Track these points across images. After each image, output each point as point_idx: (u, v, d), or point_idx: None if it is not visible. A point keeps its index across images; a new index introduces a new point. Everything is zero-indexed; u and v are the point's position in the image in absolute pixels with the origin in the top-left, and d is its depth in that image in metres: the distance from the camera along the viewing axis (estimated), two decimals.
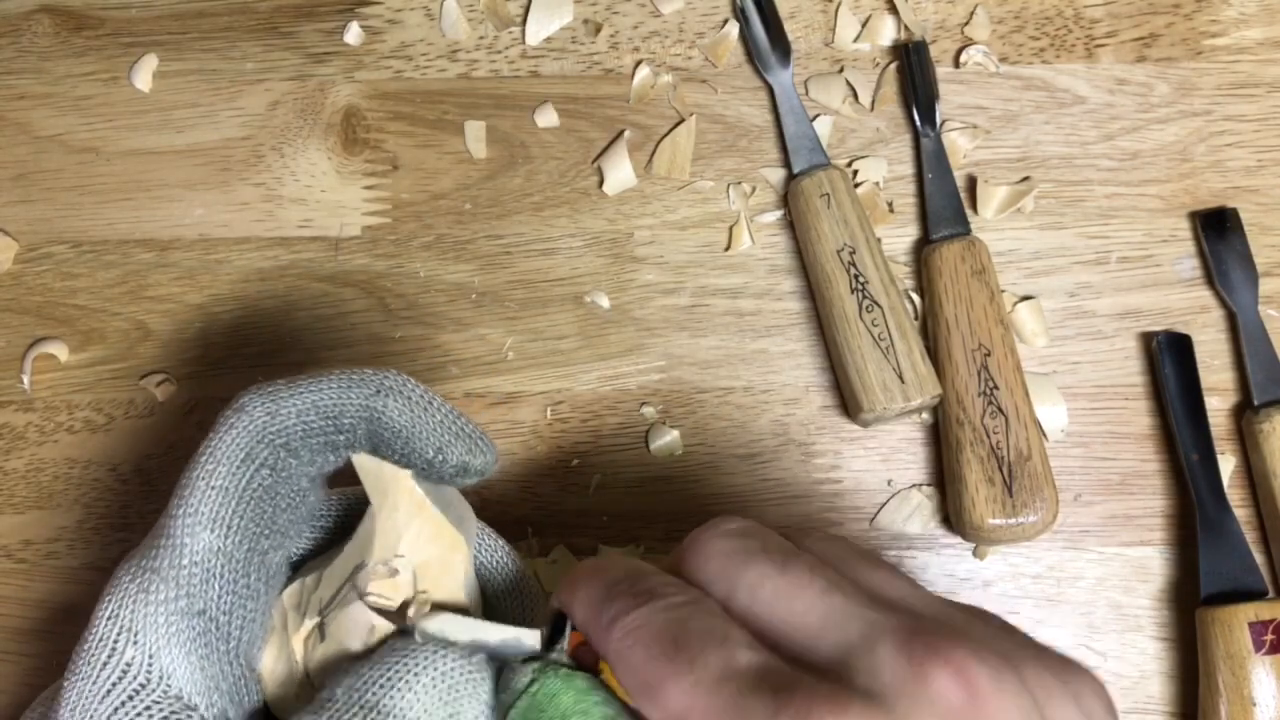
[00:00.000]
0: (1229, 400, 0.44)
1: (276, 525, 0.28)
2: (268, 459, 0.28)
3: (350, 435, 0.29)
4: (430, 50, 0.48)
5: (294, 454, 0.29)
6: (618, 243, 0.46)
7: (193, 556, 0.26)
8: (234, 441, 0.28)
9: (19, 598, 0.44)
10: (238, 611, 0.27)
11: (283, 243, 0.46)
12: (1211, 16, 0.47)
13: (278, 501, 0.28)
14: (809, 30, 0.48)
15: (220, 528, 0.27)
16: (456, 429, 0.30)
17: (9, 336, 0.46)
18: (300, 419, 0.28)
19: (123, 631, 0.26)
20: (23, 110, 0.47)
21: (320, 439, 0.29)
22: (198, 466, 0.27)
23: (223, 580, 0.27)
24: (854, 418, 0.43)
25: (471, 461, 0.30)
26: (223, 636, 0.27)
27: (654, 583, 0.25)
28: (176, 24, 0.48)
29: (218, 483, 0.27)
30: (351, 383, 0.29)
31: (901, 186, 0.46)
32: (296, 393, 0.28)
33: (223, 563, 0.27)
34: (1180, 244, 0.45)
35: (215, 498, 0.27)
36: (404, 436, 0.29)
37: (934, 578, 0.43)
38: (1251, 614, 0.39)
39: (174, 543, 0.27)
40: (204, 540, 0.27)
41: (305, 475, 0.29)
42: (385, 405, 0.29)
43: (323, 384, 0.29)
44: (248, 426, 0.28)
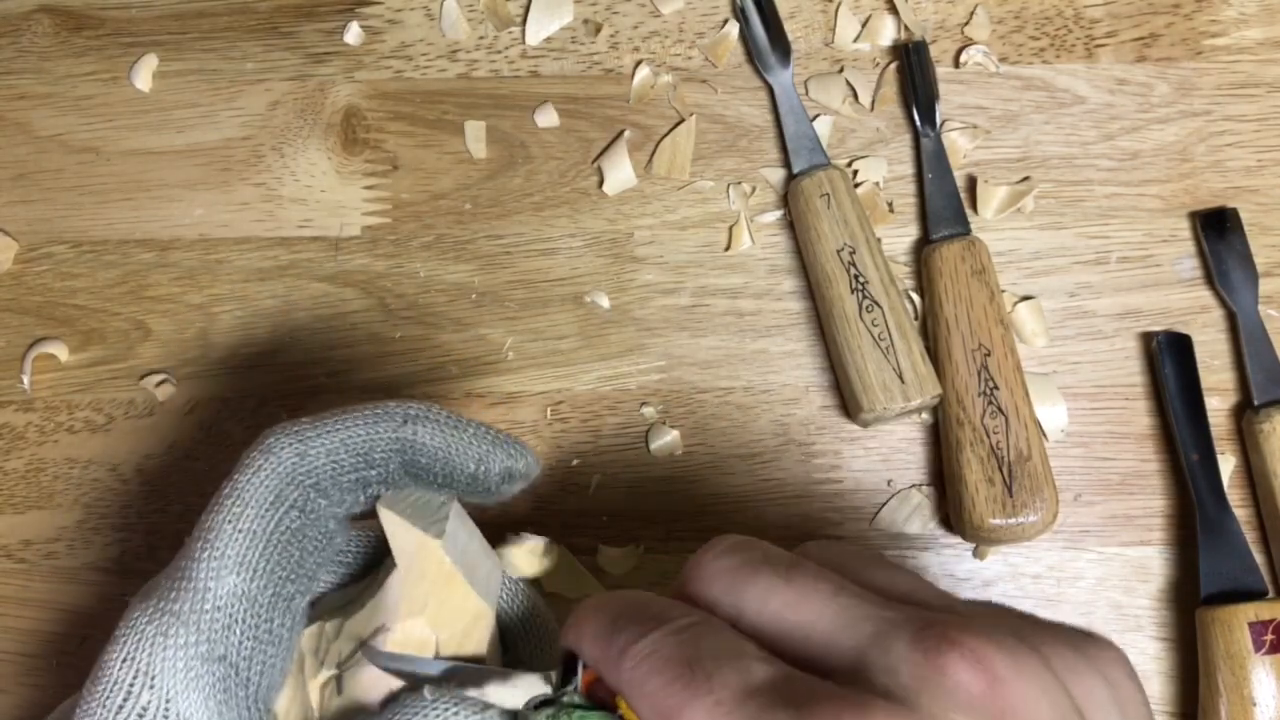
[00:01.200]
0: (1229, 400, 0.44)
1: (303, 569, 0.28)
2: (297, 500, 0.28)
3: (382, 470, 0.29)
4: (430, 50, 0.48)
5: (324, 494, 0.28)
6: (618, 243, 0.46)
7: (216, 600, 0.26)
8: (262, 483, 0.27)
9: (19, 598, 0.44)
10: (258, 657, 0.27)
11: (283, 243, 0.46)
12: (1211, 16, 0.47)
13: (304, 544, 0.28)
14: (809, 30, 0.48)
15: (246, 571, 0.26)
16: (492, 439, 0.29)
17: (9, 336, 0.46)
18: (330, 458, 0.28)
19: (139, 675, 0.25)
20: (23, 110, 0.47)
21: (351, 476, 0.28)
22: (223, 509, 0.27)
23: (245, 625, 0.26)
24: (854, 418, 0.43)
25: (515, 466, 0.30)
26: (242, 682, 0.26)
27: (659, 609, 0.24)
28: (176, 24, 0.48)
29: (245, 526, 0.27)
30: (379, 416, 0.29)
31: (901, 186, 0.46)
32: (324, 431, 0.28)
33: (246, 607, 0.26)
34: (1180, 244, 0.45)
35: (242, 541, 0.26)
36: (441, 458, 0.29)
37: (934, 578, 0.43)
38: (1251, 614, 0.39)
39: (196, 586, 0.26)
40: (229, 584, 0.26)
41: (334, 516, 0.29)
42: (416, 433, 0.29)
43: (350, 420, 0.28)
44: (276, 468, 0.27)
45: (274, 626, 0.27)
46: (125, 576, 0.44)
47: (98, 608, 0.43)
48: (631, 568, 0.43)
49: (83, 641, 0.43)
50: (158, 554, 0.44)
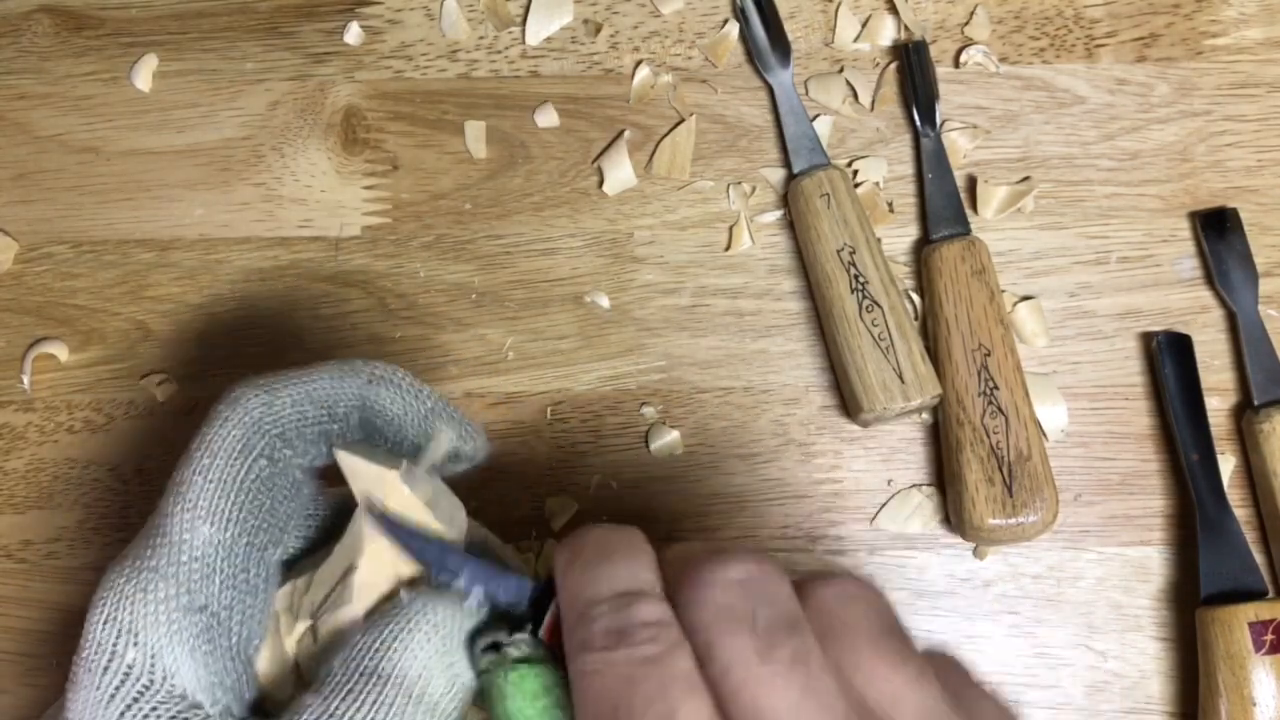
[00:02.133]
0: (1229, 400, 0.44)
1: (275, 518, 0.28)
2: (264, 449, 0.28)
3: (344, 424, 0.29)
4: (430, 50, 0.48)
5: (289, 444, 0.29)
6: (618, 243, 0.46)
7: (192, 552, 0.26)
8: (229, 434, 0.27)
9: (19, 598, 0.44)
10: (238, 606, 0.27)
11: (283, 243, 0.46)
12: (1211, 16, 0.47)
13: (275, 493, 0.28)
14: (809, 30, 0.48)
15: (219, 520, 0.27)
16: (446, 415, 0.30)
17: (9, 336, 0.46)
18: (295, 408, 0.28)
19: (122, 634, 0.25)
20: (23, 110, 0.47)
21: (315, 428, 0.29)
22: (193, 461, 0.27)
23: (223, 575, 0.27)
24: (854, 418, 0.43)
25: (462, 447, 0.30)
26: (224, 632, 0.26)
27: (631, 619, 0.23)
28: (176, 24, 0.48)
29: (215, 475, 0.27)
30: (344, 372, 0.29)
31: (901, 186, 0.46)
32: (291, 383, 0.29)
33: (223, 556, 0.27)
34: (1180, 244, 0.45)
35: (213, 490, 0.27)
36: (396, 423, 0.29)
37: (934, 578, 0.43)
38: (1251, 614, 0.39)
39: (171, 539, 0.26)
40: (203, 534, 0.26)
41: (299, 466, 0.29)
42: (378, 394, 0.29)
43: (316, 375, 0.29)
44: (243, 418, 0.28)
45: (251, 576, 0.27)
46: None
47: None
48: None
49: None
50: None
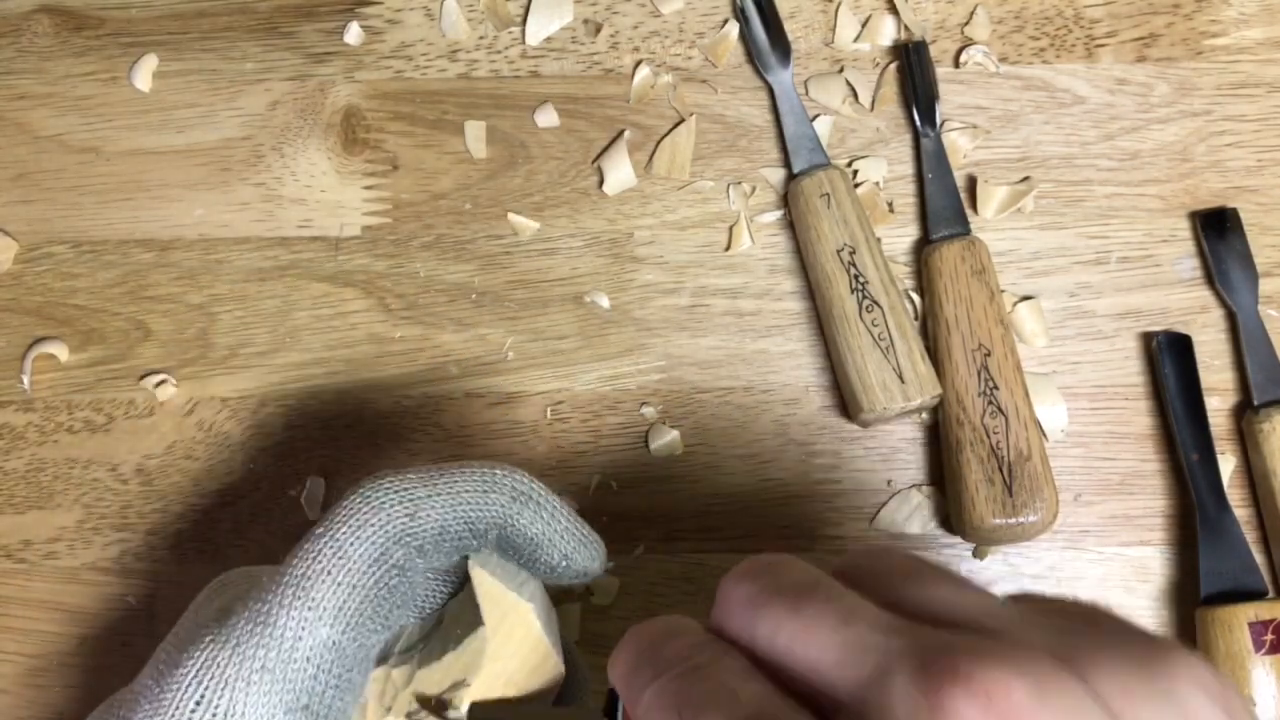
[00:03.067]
0: (1229, 400, 0.44)
1: (390, 621, 0.28)
2: (400, 559, 0.27)
3: (483, 540, 0.29)
4: (430, 50, 0.48)
5: (425, 555, 0.28)
6: (618, 243, 0.46)
7: (305, 652, 0.26)
8: (368, 539, 0.27)
9: (19, 598, 0.44)
10: (338, 706, 0.26)
11: (283, 243, 0.46)
12: (1211, 16, 0.47)
13: (396, 598, 0.28)
14: (809, 30, 0.48)
15: (339, 624, 0.26)
16: (580, 537, 0.30)
17: (9, 336, 0.45)
18: (439, 524, 0.28)
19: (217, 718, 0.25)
20: (23, 110, 0.47)
21: (454, 543, 0.29)
22: (321, 558, 0.26)
23: (330, 676, 0.26)
24: (854, 418, 0.43)
25: (591, 567, 0.30)
26: None
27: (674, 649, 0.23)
28: (176, 24, 0.48)
29: (344, 579, 0.26)
30: (488, 486, 0.29)
31: (901, 186, 0.46)
32: (435, 494, 0.28)
33: (334, 659, 0.26)
34: (1180, 244, 0.45)
35: (341, 595, 0.26)
36: (534, 544, 0.29)
37: None
38: (1251, 614, 0.39)
39: (285, 636, 0.26)
40: (321, 636, 0.26)
41: (427, 572, 0.29)
42: (520, 513, 0.29)
43: (460, 484, 0.28)
44: (384, 526, 0.27)
45: (355, 675, 0.27)
46: (125, 576, 0.44)
47: (98, 608, 0.43)
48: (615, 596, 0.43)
49: (83, 641, 0.43)
50: (157, 554, 0.44)
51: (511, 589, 0.28)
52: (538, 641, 0.28)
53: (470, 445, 0.44)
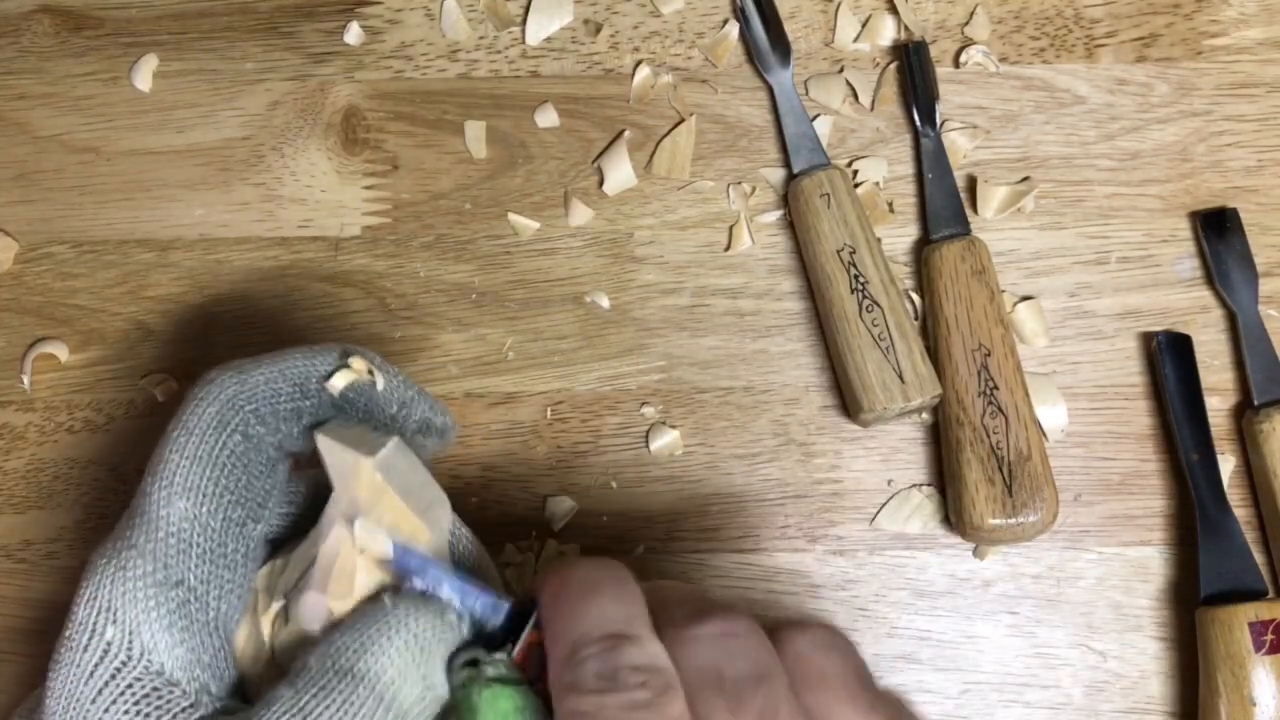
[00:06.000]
0: (1229, 400, 0.44)
1: (251, 494, 0.29)
2: (238, 425, 0.29)
3: (316, 401, 0.30)
4: (430, 50, 0.48)
5: (262, 421, 0.29)
6: (618, 243, 0.46)
7: (168, 527, 0.27)
8: (204, 411, 0.28)
9: (19, 598, 0.44)
10: (215, 581, 0.27)
11: (283, 243, 0.46)
12: (1211, 16, 0.47)
13: (250, 470, 0.29)
14: (809, 30, 0.48)
15: (194, 495, 0.27)
16: (416, 390, 0.31)
17: (9, 336, 0.46)
18: (269, 385, 0.29)
19: (101, 612, 0.26)
20: (23, 110, 0.47)
21: (288, 405, 0.30)
22: (169, 440, 0.28)
23: (199, 549, 0.27)
24: (854, 418, 0.43)
25: (433, 419, 0.31)
26: (201, 608, 0.27)
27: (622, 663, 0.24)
28: (176, 24, 0.48)
29: (190, 451, 0.28)
30: (315, 351, 0.30)
31: (901, 186, 0.46)
32: (264, 363, 0.30)
33: (198, 531, 0.27)
34: (1180, 244, 0.45)
35: (188, 466, 0.27)
36: (366, 394, 0.30)
37: (934, 578, 0.43)
38: (1251, 614, 0.39)
39: (149, 515, 0.27)
40: (179, 509, 0.27)
41: (273, 444, 0.30)
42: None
43: (288, 354, 0.30)
44: (218, 395, 0.28)
45: (228, 551, 0.28)
46: None
47: None
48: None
49: None
50: None
51: (359, 449, 0.28)
52: (385, 495, 0.28)
53: (470, 445, 0.44)
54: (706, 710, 0.24)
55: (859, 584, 0.43)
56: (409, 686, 0.26)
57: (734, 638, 0.25)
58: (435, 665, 0.27)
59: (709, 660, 0.24)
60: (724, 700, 0.24)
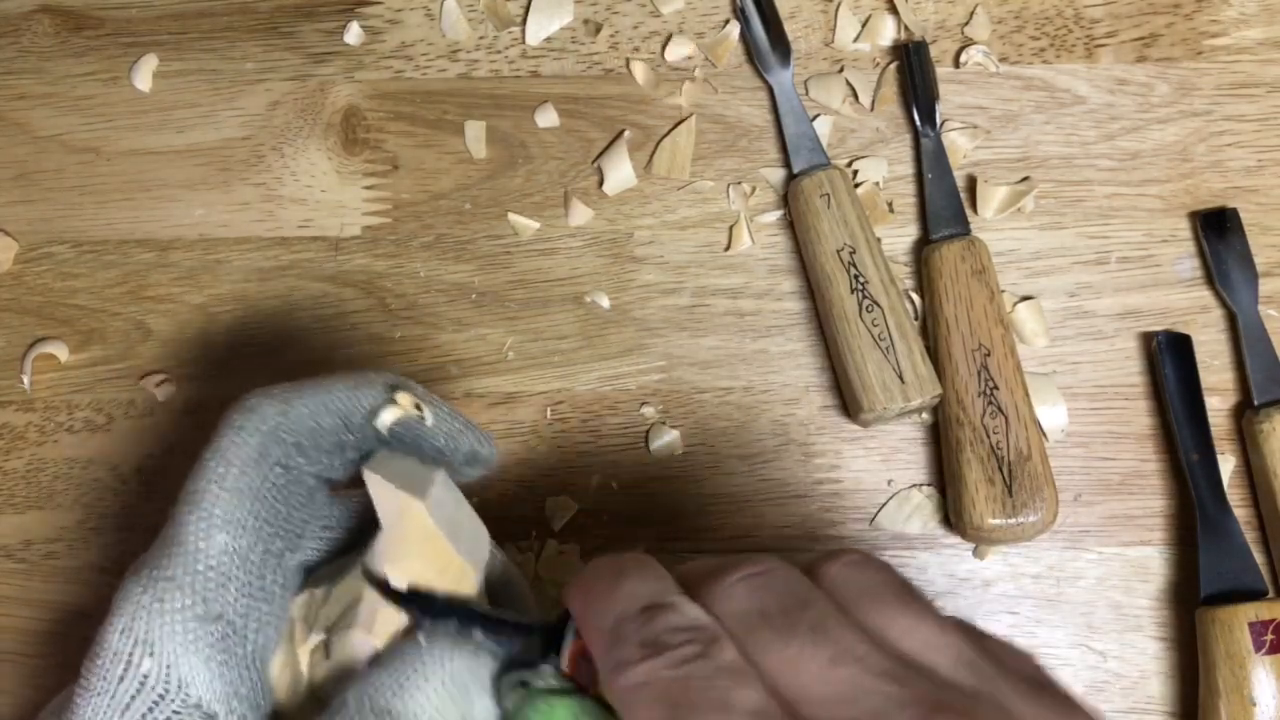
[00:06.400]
0: (1229, 400, 0.44)
1: (290, 525, 0.28)
2: (279, 457, 0.28)
3: (359, 435, 0.29)
4: (430, 50, 0.48)
5: (304, 453, 0.29)
6: (618, 243, 0.46)
7: (208, 560, 0.26)
8: (245, 441, 0.28)
9: (19, 598, 0.44)
10: (254, 615, 0.27)
11: (283, 243, 0.46)
12: (1211, 16, 0.47)
13: (290, 501, 0.28)
14: (809, 30, 0.48)
15: (234, 529, 0.27)
16: (463, 423, 0.30)
17: (9, 336, 0.46)
18: (312, 419, 0.29)
19: (138, 644, 0.26)
20: (23, 110, 0.47)
21: (331, 438, 0.29)
22: (207, 470, 0.27)
23: (238, 583, 0.27)
24: (854, 418, 0.43)
25: (480, 451, 0.31)
26: (240, 640, 0.27)
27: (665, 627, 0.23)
28: (176, 24, 0.48)
29: (230, 484, 0.27)
30: (359, 384, 0.29)
31: (901, 186, 0.46)
32: (306, 394, 0.29)
33: (238, 564, 0.27)
34: (1180, 244, 0.45)
35: (228, 499, 0.27)
36: (414, 430, 0.29)
37: (934, 578, 0.43)
38: (1251, 614, 0.39)
39: (187, 548, 0.26)
40: (219, 543, 0.26)
41: (312, 474, 0.29)
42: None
43: (332, 385, 0.29)
44: (259, 427, 0.28)
45: (266, 584, 0.27)
46: None
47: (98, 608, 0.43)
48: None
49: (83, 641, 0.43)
50: None
51: (410, 489, 0.28)
52: (432, 537, 0.28)
53: None
54: (759, 648, 0.23)
55: None
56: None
57: (765, 574, 0.24)
58: (473, 703, 0.26)
59: (746, 603, 0.24)
60: (772, 633, 0.23)
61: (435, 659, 0.26)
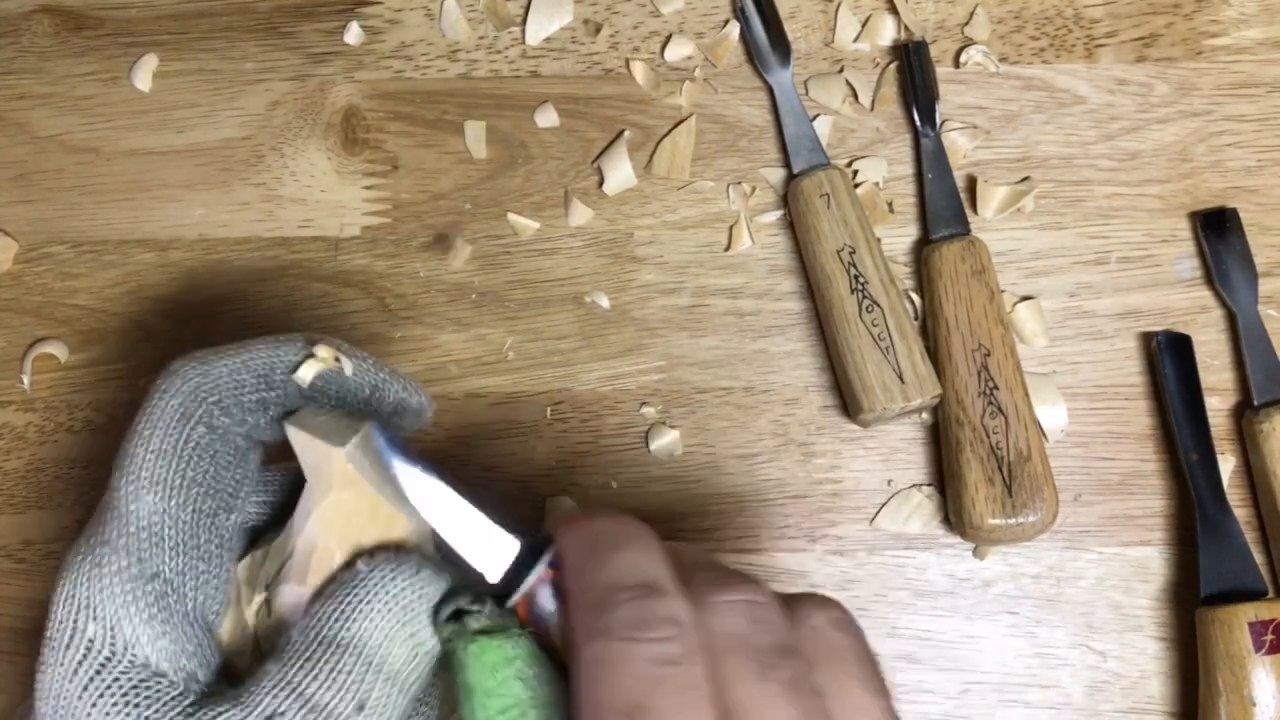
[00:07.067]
0: (1229, 400, 0.44)
1: (220, 485, 0.29)
2: (202, 416, 0.28)
3: (281, 392, 0.30)
4: (430, 50, 0.48)
5: (227, 412, 0.29)
6: (618, 243, 0.46)
7: (138, 521, 0.27)
8: (168, 403, 0.28)
9: (19, 598, 0.44)
10: (190, 572, 0.27)
11: (283, 243, 0.46)
12: (1211, 16, 0.47)
13: (217, 460, 0.29)
14: (809, 30, 0.48)
15: (161, 489, 0.27)
16: (389, 372, 0.31)
17: (9, 336, 0.45)
18: (232, 376, 0.29)
19: (81, 609, 0.26)
20: (23, 110, 0.47)
21: (253, 395, 0.29)
22: (134, 435, 0.28)
23: (171, 542, 0.27)
24: (854, 418, 0.43)
25: (408, 400, 0.31)
26: (180, 598, 0.27)
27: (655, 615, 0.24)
28: (176, 24, 0.48)
29: (155, 445, 0.27)
30: (280, 342, 0.30)
31: (901, 186, 0.46)
32: (226, 354, 0.29)
33: (169, 524, 0.27)
34: (1180, 244, 0.45)
35: (154, 461, 0.27)
36: (336, 382, 0.30)
37: (934, 578, 0.43)
38: (1251, 614, 0.39)
39: (119, 511, 0.27)
40: (148, 503, 0.27)
41: (240, 434, 0.29)
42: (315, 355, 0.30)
43: (252, 345, 0.30)
44: (180, 387, 0.28)
45: (201, 543, 0.28)
46: None
47: None
48: None
49: None
50: None
51: (329, 440, 0.28)
52: (358, 485, 0.28)
53: (470, 445, 0.44)
54: (732, 674, 0.23)
55: (859, 584, 0.43)
56: (397, 648, 0.26)
57: (760, 607, 0.25)
58: (422, 622, 0.26)
59: (736, 627, 0.24)
60: (750, 667, 0.23)
61: (377, 582, 0.26)
